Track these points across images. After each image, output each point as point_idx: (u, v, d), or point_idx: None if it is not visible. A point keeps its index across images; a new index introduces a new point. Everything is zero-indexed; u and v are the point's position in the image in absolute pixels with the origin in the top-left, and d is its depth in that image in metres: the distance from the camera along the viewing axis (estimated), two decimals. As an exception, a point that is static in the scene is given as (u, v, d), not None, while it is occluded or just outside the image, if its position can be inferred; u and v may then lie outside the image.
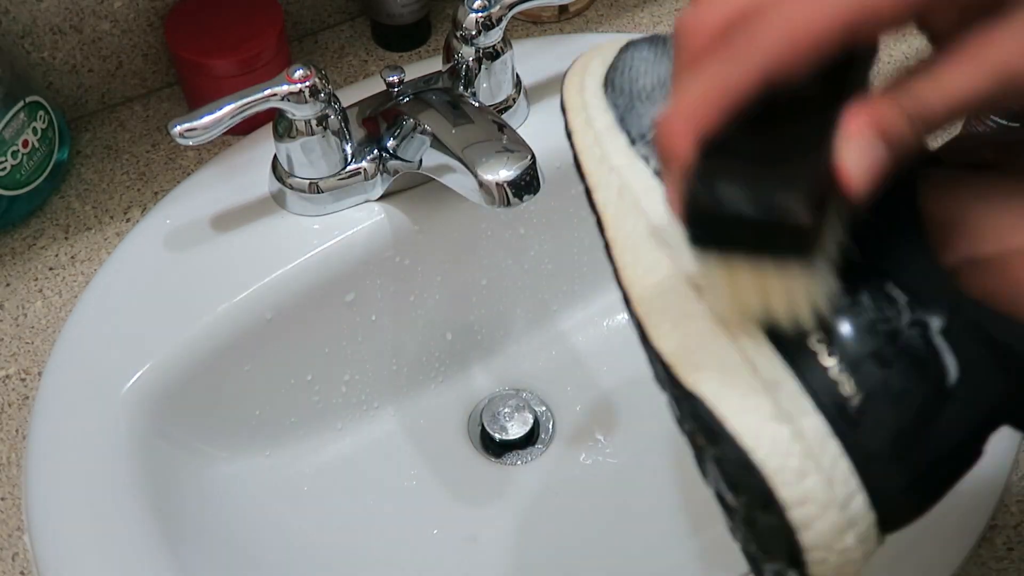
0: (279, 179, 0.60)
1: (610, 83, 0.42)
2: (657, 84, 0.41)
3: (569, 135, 0.43)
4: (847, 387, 0.31)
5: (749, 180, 0.28)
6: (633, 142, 0.40)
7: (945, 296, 0.32)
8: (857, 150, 0.27)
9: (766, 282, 0.30)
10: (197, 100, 0.65)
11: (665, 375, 0.34)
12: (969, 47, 0.27)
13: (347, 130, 0.58)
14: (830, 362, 0.32)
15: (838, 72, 0.30)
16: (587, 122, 0.41)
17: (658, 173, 0.38)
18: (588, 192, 0.41)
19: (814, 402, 0.31)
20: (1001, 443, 0.53)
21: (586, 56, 0.45)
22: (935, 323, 0.31)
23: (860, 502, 0.31)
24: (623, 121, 0.41)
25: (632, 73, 0.42)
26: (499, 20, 0.59)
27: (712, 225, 0.29)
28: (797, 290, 0.30)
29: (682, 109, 0.29)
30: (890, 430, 0.31)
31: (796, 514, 0.31)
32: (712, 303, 0.33)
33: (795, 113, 0.29)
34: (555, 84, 0.66)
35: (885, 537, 0.33)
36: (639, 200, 0.38)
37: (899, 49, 0.72)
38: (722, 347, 0.33)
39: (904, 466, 0.32)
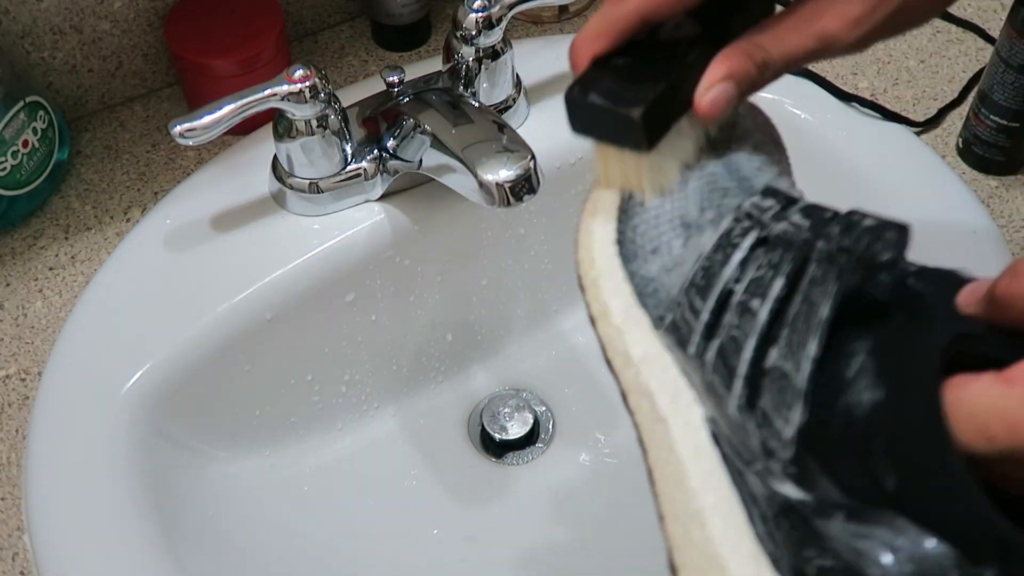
0: (279, 179, 0.60)
1: (621, 236, 0.40)
2: (672, 222, 0.39)
3: (591, 318, 0.40)
4: None
5: (610, 86, 0.38)
6: (656, 324, 0.37)
7: (992, 535, 0.28)
8: (712, 87, 0.38)
9: (623, 161, 0.39)
10: (197, 100, 0.65)
11: None
12: (804, 14, 0.38)
13: (347, 130, 0.58)
14: None
15: (715, 12, 0.39)
16: (604, 307, 0.39)
17: (685, 374, 0.37)
18: (622, 395, 0.39)
19: None
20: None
21: (585, 215, 0.42)
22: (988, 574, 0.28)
23: None
24: (641, 294, 0.38)
25: (643, 216, 0.39)
26: (499, 20, 0.59)
27: (579, 113, 0.39)
28: (643, 168, 0.38)
29: (583, 34, 0.40)
30: None
31: None
32: (596, 176, 0.41)
33: (671, 44, 0.39)
34: (555, 84, 0.67)
35: None
36: (668, 421, 0.36)
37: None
38: None
39: None
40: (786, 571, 0.32)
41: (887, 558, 0.29)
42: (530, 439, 0.66)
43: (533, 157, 0.52)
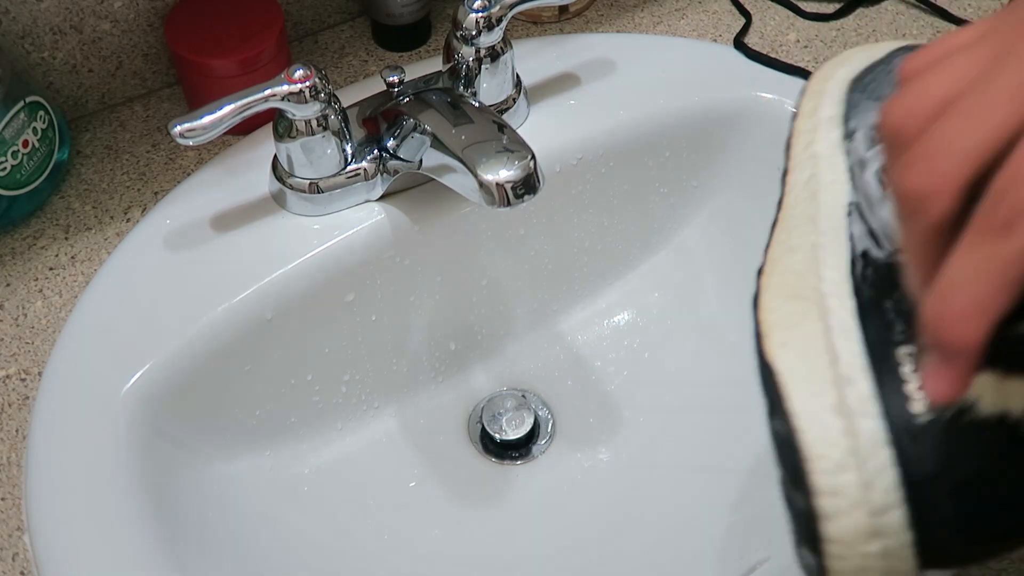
0: (279, 179, 0.60)
1: (859, 81, 0.43)
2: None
3: (794, 115, 0.45)
4: (919, 405, 0.32)
5: None
6: (848, 136, 0.41)
7: None
8: None
9: None
10: (197, 100, 0.65)
11: (756, 343, 0.37)
12: None
13: (347, 130, 0.58)
14: (911, 377, 0.32)
15: None
16: (814, 109, 0.43)
17: (852, 170, 0.40)
18: (784, 172, 0.43)
19: (881, 408, 0.32)
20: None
21: (853, 50, 0.46)
22: None
23: (897, 517, 0.31)
24: (847, 118, 0.42)
25: (881, 75, 0.43)
26: (499, 20, 0.59)
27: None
28: None
29: (961, 292, 0.26)
30: (952, 459, 0.31)
31: (824, 503, 0.31)
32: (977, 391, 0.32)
33: None
34: (555, 84, 0.67)
35: (924, 571, 0.32)
36: (819, 191, 0.40)
37: None
38: (814, 332, 0.35)
39: (958, 500, 0.31)
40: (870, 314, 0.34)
41: None
42: (530, 439, 0.66)
43: (533, 157, 0.52)
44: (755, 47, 0.71)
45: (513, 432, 0.65)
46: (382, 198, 0.61)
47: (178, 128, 0.53)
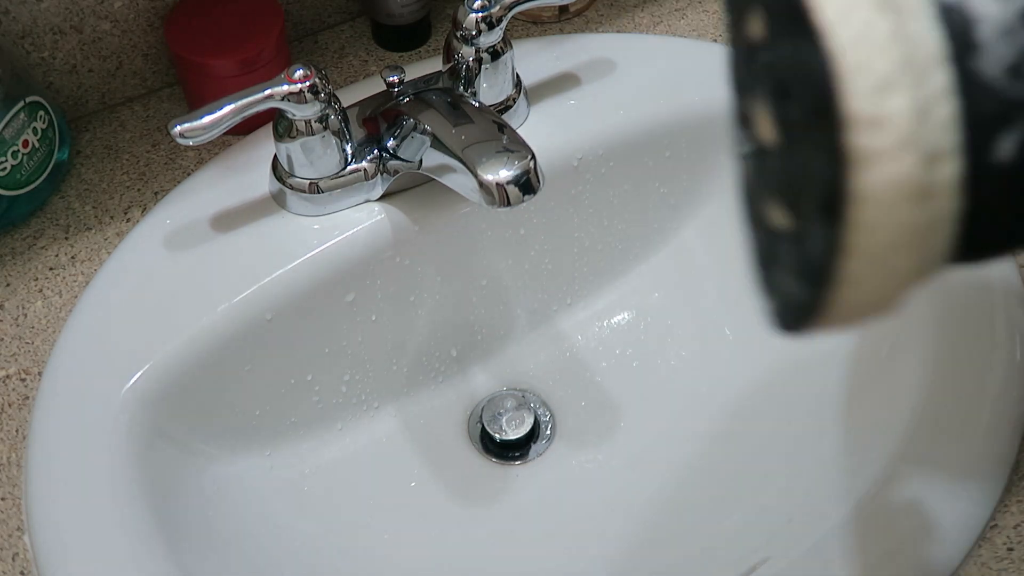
0: (279, 179, 0.60)
1: None
2: None
3: None
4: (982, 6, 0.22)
5: None
6: None
7: None
8: None
9: None
10: (197, 100, 0.65)
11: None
12: None
13: (347, 130, 0.58)
14: None
15: None
16: None
17: None
18: None
19: (936, 10, 0.22)
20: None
21: None
22: None
23: (950, 171, 0.22)
24: None
25: None
26: (499, 20, 0.59)
27: None
28: None
29: None
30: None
31: (861, 139, 0.22)
32: None
33: None
34: (555, 84, 0.67)
35: (955, 261, 0.23)
36: None
37: None
38: None
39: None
40: None
41: None
42: (530, 439, 0.66)
43: (533, 157, 0.52)
44: (755, 47, 0.71)
45: (513, 432, 0.65)
46: (382, 198, 0.61)
47: (178, 128, 0.53)
